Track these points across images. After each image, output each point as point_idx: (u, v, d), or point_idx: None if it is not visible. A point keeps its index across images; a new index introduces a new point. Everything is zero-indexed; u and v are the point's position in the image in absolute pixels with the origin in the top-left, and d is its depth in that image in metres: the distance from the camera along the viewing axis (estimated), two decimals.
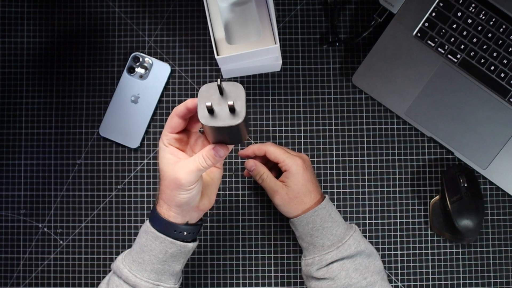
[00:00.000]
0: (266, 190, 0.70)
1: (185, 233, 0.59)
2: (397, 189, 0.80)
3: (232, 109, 0.52)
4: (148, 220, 0.60)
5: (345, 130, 0.81)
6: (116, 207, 0.80)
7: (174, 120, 0.57)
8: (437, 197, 0.79)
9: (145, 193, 0.80)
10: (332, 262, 0.65)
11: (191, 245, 0.61)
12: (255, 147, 0.71)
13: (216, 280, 0.79)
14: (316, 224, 0.66)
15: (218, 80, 0.52)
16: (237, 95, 0.52)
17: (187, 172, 0.55)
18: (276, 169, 0.72)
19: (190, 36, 0.82)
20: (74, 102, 0.81)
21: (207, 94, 0.53)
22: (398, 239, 0.79)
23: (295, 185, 0.67)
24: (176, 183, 0.55)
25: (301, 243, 0.70)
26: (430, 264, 0.79)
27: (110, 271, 0.63)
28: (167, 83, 0.81)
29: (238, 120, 0.52)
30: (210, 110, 0.52)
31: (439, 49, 0.79)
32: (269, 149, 0.69)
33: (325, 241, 0.66)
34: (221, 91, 0.52)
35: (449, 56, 0.79)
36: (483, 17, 0.78)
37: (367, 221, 0.80)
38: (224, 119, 0.52)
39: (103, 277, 0.78)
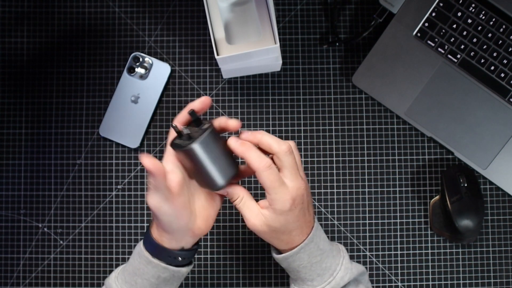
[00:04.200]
0: (241, 213, 0.57)
1: (179, 258, 0.57)
2: (397, 189, 0.80)
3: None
4: (142, 242, 0.58)
5: (345, 130, 0.81)
6: (116, 207, 0.80)
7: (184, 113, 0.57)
8: (437, 197, 0.79)
9: (145, 193, 0.80)
10: None
11: (185, 270, 0.59)
12: (251, 155, 0.54)
13: (216, 280, 0.79)
14: (303, 261, 0.57)
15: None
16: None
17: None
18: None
19: (190, 36, 0.82)
20: (74, 102, 0.81)
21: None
22: (398, 239, 0.79)
23: (274, 223, 0.55)
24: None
25: (288, 273, 0.61)
26: (430, 264, 0.79)
27: (103, 284, 0.62)
28: (167, 83, 0.81)
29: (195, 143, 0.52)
30: (183, 135, 0.54)
31: (439, 49, 0.79)
32: (262, 175, 0.53)
33: (315, 277, 0.58)
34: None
35: (449, 56, 0.79)
36: (483, 17, 0.78)
37: (367, 221, 0.80)
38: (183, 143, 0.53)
39: (103, 277, 0.79)
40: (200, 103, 0.56)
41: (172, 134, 0.56)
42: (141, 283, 0.57)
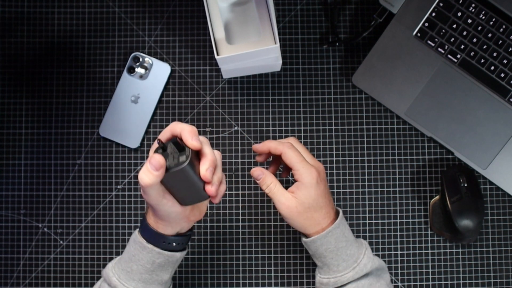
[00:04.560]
0: (273, 200, 0.64)
1: (174, 244, 0.59)
2: (397, 189, 0.80)
3: (179, 148, 0.53)
4: (137, 229, 0.60)
5: (345, 130, 0.81)
6: (116, 207, 0.80)
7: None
8: (437, 197, 0.79)
9: None
10: (348, 283, 0.63)
11: (179, 255, 0.60)
12: (273, 144, 0.64)
13: (216, 280, 0.79)
14: (330, 246, 0.63)
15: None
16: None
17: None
18: (288, 169, 0.67)
19: (190, 36, 0.82)
20: (74, 102, 0.81)
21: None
22: (398, 239, 0.79)
23: (306, 199, 0.62)
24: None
25: (315, 261, 0.66)
26: (430, 264, 0.79)
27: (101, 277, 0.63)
28: (167, 83, 0.81)
29: (184, 163, 0.52)
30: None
31: (439, 49, 0.79)
32: (287, 152, 0.63)
33: (340, 262, 0.63)
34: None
35: (449, 56, 0.79)
36: (483, 17, 0.78)
37: (367, 221, 0.80)
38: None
39: None
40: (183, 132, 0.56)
41: (155, 146, 0.56)
42: (136, 269, 0.59)
